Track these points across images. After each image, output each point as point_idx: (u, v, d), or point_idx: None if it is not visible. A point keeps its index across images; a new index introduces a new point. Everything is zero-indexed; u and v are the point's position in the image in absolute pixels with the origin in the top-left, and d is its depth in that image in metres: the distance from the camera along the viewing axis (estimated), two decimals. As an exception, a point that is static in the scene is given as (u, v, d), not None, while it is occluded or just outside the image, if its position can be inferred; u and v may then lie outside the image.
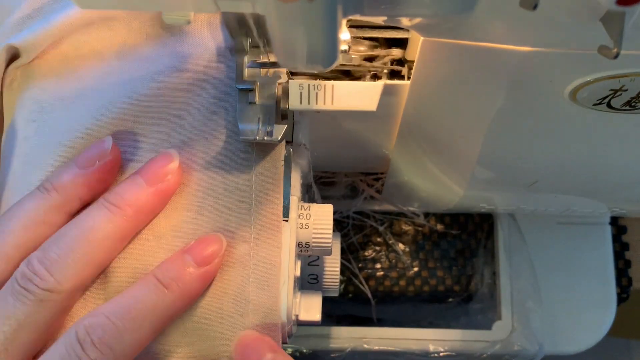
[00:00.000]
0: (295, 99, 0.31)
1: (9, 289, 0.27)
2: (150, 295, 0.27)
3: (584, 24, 0.22)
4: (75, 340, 0.26)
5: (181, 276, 0.28)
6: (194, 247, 0.29)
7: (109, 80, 0.32)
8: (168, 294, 0.27)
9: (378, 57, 0.34)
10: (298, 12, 0.19)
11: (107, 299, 0.29)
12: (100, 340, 0.26)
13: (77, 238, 0.28)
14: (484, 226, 0.52)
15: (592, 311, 0.49)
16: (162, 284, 0.27)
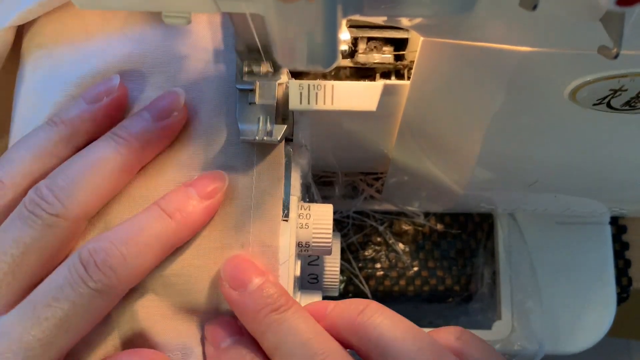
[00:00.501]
0: (295, 99, 0.31)
1: (17, 214, 0.27)
2: (154, 224, 0.28)
3: (584, 24, 0.22)
4: (79, 262, 0.26)
5: (184, 207, 0.28)
6: (197, 181, 0.29)
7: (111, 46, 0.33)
8: (171, 222, 0.28)
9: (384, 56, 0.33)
10: (298, 12, 0.19)
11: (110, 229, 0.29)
12: (103, 262, 0.26)
13: (84, 167, 0.28)
14: (484, 226, 0.52)
15: (592, 311, 0.49)
16: (165, 213, 0.28)
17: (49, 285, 0.26)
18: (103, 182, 0.28)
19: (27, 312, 0.26)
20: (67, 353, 0.27)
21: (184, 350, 0.29)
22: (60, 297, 0.26)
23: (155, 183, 0.30)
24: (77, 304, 0.26)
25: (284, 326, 0.26)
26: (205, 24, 0.33)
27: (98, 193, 0.28)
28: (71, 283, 0.26)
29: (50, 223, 0.27)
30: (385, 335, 0.27)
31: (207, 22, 0.33)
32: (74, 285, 0.26)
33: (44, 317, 0.26)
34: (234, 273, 0.28)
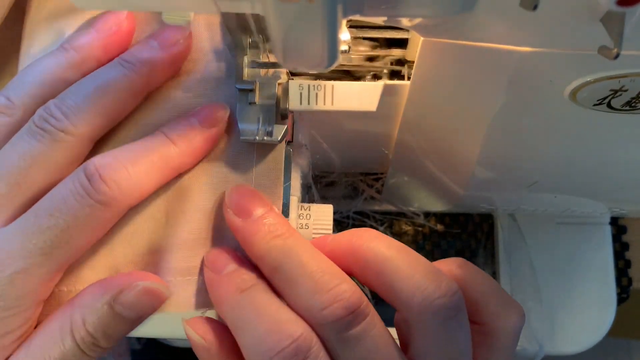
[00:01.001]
0: (295, 100, 0.31)
1: (26, 129, 0.28)
2: (159, 147, 0.28)
3: (584, 24, 0.22)
4: (83, 175, 0.27)
5: (187, 133, 0.29)
6: (200, 111, 0.30)
7: None
8: (175, 148, 0.29)
9: (378, 57, 0.34)
10: (298, 12, 0.19)
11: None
12: (108, 175, 0.27)
13: (93, 88, 0.29)
14: (484, 226, 0.52)
15: (592, 311, 0.49)
16: (169, 138, 0.29)
17: (53, 196, 0.27)
18: (110, 103, 0.29)
19: (30, 220, 0.26)
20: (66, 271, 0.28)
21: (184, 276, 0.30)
22: (63, 208, 0.26)
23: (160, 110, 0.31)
24: (80, 215, 0.26)
25: (284, 249, 0.27)
26: (205, 23, 0.33)
27: (105, 113, 0.29)
28: (75, 194, 0.26)
29: (58, 138, 0.27)
30: (381, 256, 0.27)
31: (206, 22, 0.33)
32: (77, 197, 0.26)
33: (46, 226, 0.26)
34: (238, 201, 0.28)
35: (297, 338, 0.25)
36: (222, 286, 0.27)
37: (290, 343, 0.25)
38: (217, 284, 0.28)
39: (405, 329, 0.27)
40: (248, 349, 0.26)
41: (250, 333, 0.26)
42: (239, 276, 0.27)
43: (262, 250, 0.27)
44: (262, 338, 0.25)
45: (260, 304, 0.26)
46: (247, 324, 0.26)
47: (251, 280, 0.27)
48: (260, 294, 0.27)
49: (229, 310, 0.27)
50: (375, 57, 0.33)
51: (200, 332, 0.28)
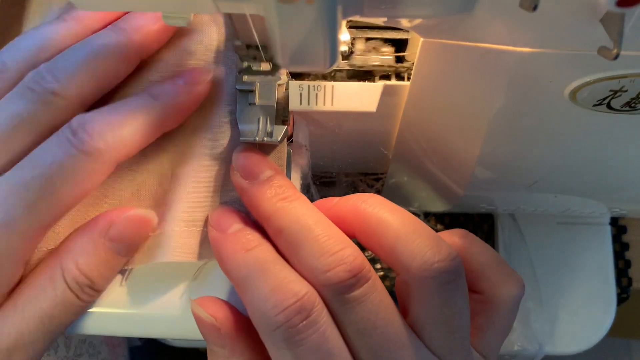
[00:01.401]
0: (295, 100, 0.31)
1: (16, 90, 0.28)
2: (142, 102, 0.28)
3: (584, 25, 0.22)
4: (68, 128, 0.27)
5: (170, 90, 0.29)
6: (184, 72, 0.30)
7: None
8: (157, 103, 0.29)
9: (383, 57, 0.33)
10: (297, 13, 0.19)
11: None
12: (92, 128, 0.27)
13: (84, 52, 0.29)
14: (484, 226, 0.52)
15: (592, 311, 0.49)
16: (151, 95, 0.29)
17: (39, 150, 0.27)
18: (102, 68, 0.29)
19: (15, 174, 0.26)
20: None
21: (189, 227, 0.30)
22: (48, 159, 0.26)
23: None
24: (65, 165, 0.26)
25: (290, 212, 0.27)
26: (205, 23, 0.33)
27: (96, 77, 0.29)
28: (59, 146, 0.26)
29: (46, 99, 0.27)
30: (384, 220, 0.27)
31: (207, 22, 0.33)
32: (62, 148, 0.26)
33: (29, 176, 0.26)
34: (245, 163, 0.29)
35: (301, 297, 0.25)
36: (227, 245, 0.27)
37: (295, 301, 0.25)
38: (221, 243, 0.28)
39: (405, 293, 0.28)
40: (253, 305, 0.26)
41: (255, 291, 0.26)
42: (244, 236, 0.27)
43: (268, 212, 0.27)
44: (267, 296, 0.25)
45: (265, 263, 0.26)
46: (253, 282, 0.26)
47: (256, 240, 0.27)
48: (265, 254, 0.27)
49: (234, 269, 0.27)
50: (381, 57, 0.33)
51: (210, 311, 0.28)
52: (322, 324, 0.25)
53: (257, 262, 0.26)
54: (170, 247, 0.29)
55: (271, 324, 0.25)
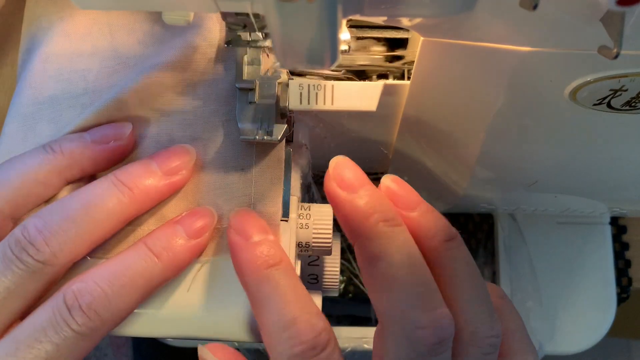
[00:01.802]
0: (295, 99, 0.31)
1: (1, 254, 0.26)
2: (140, 263, 0.27)
3: (584, 24, 0.22)
4: (63, 304, 0.26)
5: (171, 246, 0.28)
6: (185, 218, 0.29)
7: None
8: (158, 262, 0.27)
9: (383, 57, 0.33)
10: (298, 12, 0.19)
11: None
12: (88, 306, 0.26)
13: (80, 212, 0.27)
14: (484, 226, 0.52)
15: (592, 311, 0.49)
16: (152, 252, 0.27)
17: (33, 325, 0.26)
18: (98, 229, 0.27)
19: (10, 351, 0.26)
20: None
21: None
22: (44, 340, 0.26)
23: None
24: (61, 346, 0.26)
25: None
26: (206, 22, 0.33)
27: (91, 240, 0.28)
28: (54, 326, 0.26)
29: (36, 270, 0.26)
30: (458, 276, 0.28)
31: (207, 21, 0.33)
32: (57, 328, 0.26)
33: (27, 358, 0.25)
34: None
35: (318, 333, 0.25)
36: (248, 254, 0.27)
37: (313, 337, 0.25)
38: (243, 251, 0.27)
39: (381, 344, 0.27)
40: (269, 329, 0.26)
41: (274, 315, 0.26)
42: (267, 249, 0.27)
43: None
44: (286, 325, 0.25)
45: (286, 288, 0.26)
46: (272, 305, 0.26)
47: (278, 256, 0.27)
48: (286, 276, 0.27)
49: (254, 284, 0.27)
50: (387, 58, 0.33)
51: (219, 356, 0.28)
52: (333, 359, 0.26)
53: (278, 286, 0.26)
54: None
55: (284, 353, 0.25)
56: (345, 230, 0.28)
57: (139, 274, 0.27)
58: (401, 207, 0.28)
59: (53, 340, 0.26)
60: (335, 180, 0.28)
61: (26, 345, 0.26)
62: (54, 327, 0.26)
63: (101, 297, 0.26)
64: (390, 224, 0.27)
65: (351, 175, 0.28)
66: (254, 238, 0.27)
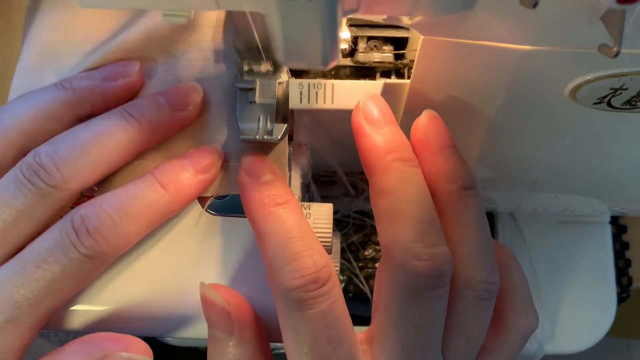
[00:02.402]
0: (295, 98, 0.31)
1: (12, 178, 0.27)
2: (148, 193, 0.28)
3: (584, 22, 0.22)
4: (71, 227, 0.26)
5: (178, 179, 0.29)
6: (192, 154, 0.30)
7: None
8: (165, 194, 0.28)
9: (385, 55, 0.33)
10: (298, 10, 0.19)
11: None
12: (95, 229, 0.26)
13: (90, 140, 0.28)
14: (484, 226, 0.52)
15: (592, 311, 0.49)
16: (159, 183, 0.28)
17: (40, 246, 0.27)
18: (107, 158, 0.28)
19: (17, 271, 0.26)
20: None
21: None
22: (51, 260, 0.26)
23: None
24: (67, 268, 0.26)
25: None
26: (206, 22, 0.33)
27: (100, 168, 0.28)
28: (62, 247, 0.26)
29: (46, 193, 0.27)
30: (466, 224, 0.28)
31: (207, 21, 0.33)
32: (64, 250, 0.26)
33: (33, 277, 0.26)
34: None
35: (320, 268, 0.26)
36: (257, 193, 0.28)
37: (314, 271, 0.26)
38: (252, 190, 0.28)
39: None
40: (273, 263, 0.26)
41: (278, 250, 0.26)
42: (275, 188, 0.28)
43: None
44: (289, 259, 0.26)
45: (292, 225, 0.27)
46: (276, 241, 0.27)
47: (286, 195, 0.28)
48: (293, 214, 0.27)
49: (262, 221, 0.27)
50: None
51: (224, 295, 0.28)
52: (333, 295, 0.26)
53: (284, 223, 0.27)
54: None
55: (287, 286, 0.26)
56: (364, 163, 0.29)
57: (145, 202, 0.28)
58: (431, 144, 0.29)
59: (59, 261, 0.26)
60: (363, 112, 0.29)
61: (33, 265, 0.26)
62: (61, 248, 0.26)
63: (108, 221, 0.27)
64: (407, 164, 0.28)
65: (379, 112, 0.29)
66: (263, 178, 0.28)
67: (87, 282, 0.28)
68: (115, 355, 0.27)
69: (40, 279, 0.26)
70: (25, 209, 0.27)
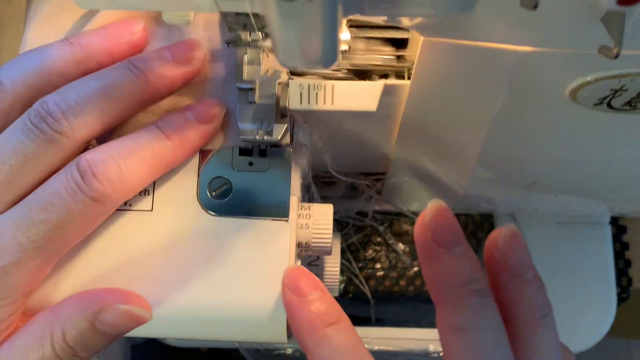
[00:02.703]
0: (295, 99, 0.31)
1: (21, 125, 0.27)
2: (152, 141, 0.28)
3: (585, 23, 0.22)
4: (76, 170, 0.27)
5: (182, 128, 0.29)
6: (196, 106, 0.30)
7: None
8: (169, 143, 0.29)
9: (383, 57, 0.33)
10: (298, 11, 0.19)
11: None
12: (100, 172, 0.26)
13: (97, 90, 0.28)
14: (484, 226, 0.52)
15: (592, 311, 0.49)
16: (163, 133, 0.29)
17: (46, 190, 0.27)
18: (113, 109, 0.28)
19: (23, 214, 0.26)
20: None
21: None
22: (57, 202, 0.26)
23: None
24: (73, 211, 0.26)
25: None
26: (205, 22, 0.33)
27: (106, 119, 0.28)
28: (68, 190, 0.26)
29: (53, 139, 0.27)
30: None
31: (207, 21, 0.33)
32: (70, 192, 0.26)
33: (39, 220, 0.26)
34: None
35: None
36: (305, 313, 0.27)
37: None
38: (300, 309, 0.27)
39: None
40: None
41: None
42: (326, 307, 0.27)
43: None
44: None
45: (348, 346, 0.26)
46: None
47: (336, 313, 0.27)
48: (347, 333, 0.27)
49: (314, 343, 0.27)
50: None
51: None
52: None
53: (339, 346, 0.26)
54: None
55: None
56: (431, 289, 0.27)
57: (150, 150, 0.28)
58: (512, 268, 0.28)
59: (65, 203, 0.26)
60: (431, 230, 0.27)
61: (39, 208, 0.26)
62: (66, 191, 0.26)
63: (113, 166, 0.27)
64: (481, 294, 0.26)
65: (449, 230, 0.27)
66: (309, 296, 0.28)
67: (92, 227, 0.28)
68: (113, 307, 0.27)
69: (46, 221, 0.26)
70: (32, 155, 0.27)
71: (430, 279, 0.27)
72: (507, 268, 0.27)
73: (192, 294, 0.30)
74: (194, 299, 0.30)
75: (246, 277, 0.30)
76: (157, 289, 0.30)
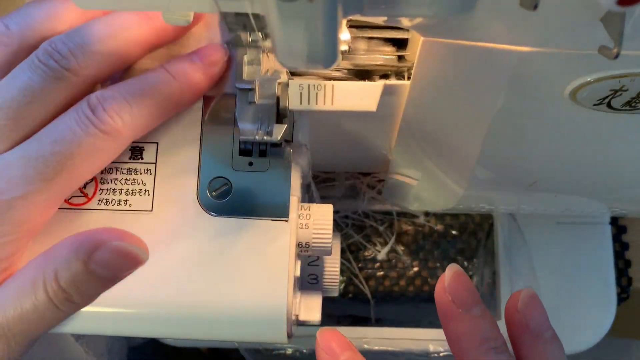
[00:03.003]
0: (295, 99, 0.31)
1: (28, 63, 0.27)
2: (159, 81, 0.29)
3: (584, 24, 0.22)
4: (87, 106, 0.27)
5: (187, 70, 0.30)
6: (200, 50, 0.31)
7: None
8: (175, 82, 0.29)
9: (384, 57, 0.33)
10: (298, 11, 0.19)
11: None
12: (111, 108, 0.27)
13: (104, 31, 0.28)
14: (484, 226, 0.52)
15: (592, 311, 0.49)
16: (170, 74, 0.29)
17: (57, 125, 0.27)
18: (121, 50, 0.29)
19: (32, 147, 0.26)
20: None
21: None
22: (67, 136, 0.26)
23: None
24: (84, 144, 0.26)
25: None
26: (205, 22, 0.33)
27: (113, 59, 0.29)
28: (79, 123, 0.26)
29: (61, 76, 0.27)
30: None
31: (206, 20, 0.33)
32: (82, 125, 0.26)
33: (49, 152, 0.26)
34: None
35: None
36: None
37: None
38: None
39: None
40: None
41: None
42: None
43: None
44: None
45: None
46: None
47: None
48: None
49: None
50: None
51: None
52: None
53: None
54: None
55: None
56: (452, 346, 0.29)
57: (157, 89, 0.28)
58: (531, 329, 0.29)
59: (77, 136, 0.26)
60: (450, 293, 0.29)
61: (49, 141, 0.26)
62: (77, 124, 0.26)
63: (122, 102, 0.27)
64: (499, 350, 0.28)
65: (467, 292, 0.29)
66: (341, 357, 0.29)
67: (101, 163, 0.28)
68: (107, 244, 0.26)
69: (56, 153, 0.26)
70: (40, 91, 0.27)
71: (451, 337, 0.29)
72: (527, 329, 0.29)
73: (192, 294, 0.30)
74: (193, 299, 0.30)
75: (246, 277, 0.30)
76: (157, 289, 0.30)
